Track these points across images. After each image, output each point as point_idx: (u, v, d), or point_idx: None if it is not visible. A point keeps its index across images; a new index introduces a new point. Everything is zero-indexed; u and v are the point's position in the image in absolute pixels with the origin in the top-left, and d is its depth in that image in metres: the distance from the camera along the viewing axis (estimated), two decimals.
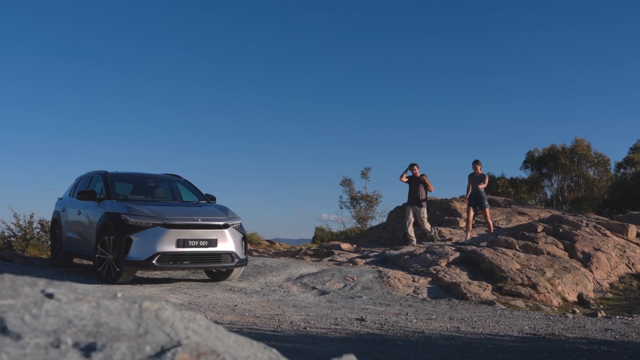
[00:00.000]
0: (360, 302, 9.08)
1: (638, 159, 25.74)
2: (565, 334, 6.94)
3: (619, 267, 11.84)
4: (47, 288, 1.07)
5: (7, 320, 0.88)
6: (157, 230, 9.04)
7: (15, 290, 1.01)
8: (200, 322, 1.11)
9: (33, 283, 1.08)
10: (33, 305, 0.96)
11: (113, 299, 1.10)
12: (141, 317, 1.05)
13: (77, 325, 0.93)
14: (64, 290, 1.08)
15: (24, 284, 1.06)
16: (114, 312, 1.04)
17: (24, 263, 11.64)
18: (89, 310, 1.01)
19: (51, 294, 1.04)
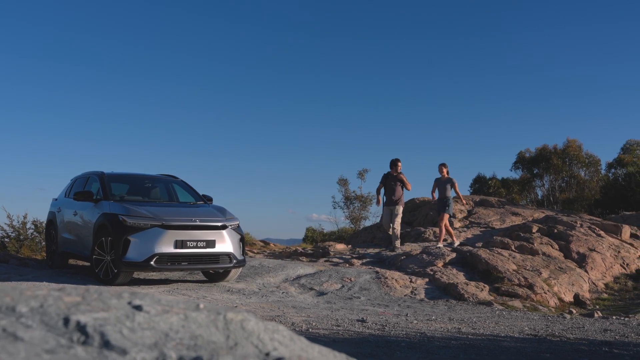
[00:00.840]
0: (359, 303, 9.09)
1: (628, 160, 25.95)
2: (566, 334, 6.97)
3: (613, 267, 11.91)
4: (134, 300, 1.06)
5: (108, 334, 0.87)
6: (155, 231, 9.00)
7: (104, 303, 1.01)
8: (283, 333, 1.10)
9: (118, 295, 1.07)
10: (125, 318, 0.96)
11: (197, 310, 1.09)
12: (228, 329, 1.04)
13: (175, 339, 0.92)
14: (150, 302, 1.07)
15: (110, 296, 1.05)
16: (202, 324, 1.03)
17: (18, 264, 11.56)
18: (179, 323, 1.01)
19: (139, 306, 1.03)
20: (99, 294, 1.06)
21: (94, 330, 0.88)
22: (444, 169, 13.28)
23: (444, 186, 13.13)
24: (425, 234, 14.81)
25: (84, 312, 0.93)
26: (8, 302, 0.94)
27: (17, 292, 0.99)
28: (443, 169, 13.28)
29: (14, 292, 0.99)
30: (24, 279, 9.43)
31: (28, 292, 1.00)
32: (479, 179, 29.65)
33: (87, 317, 0.91)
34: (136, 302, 1.05)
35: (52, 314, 0.92)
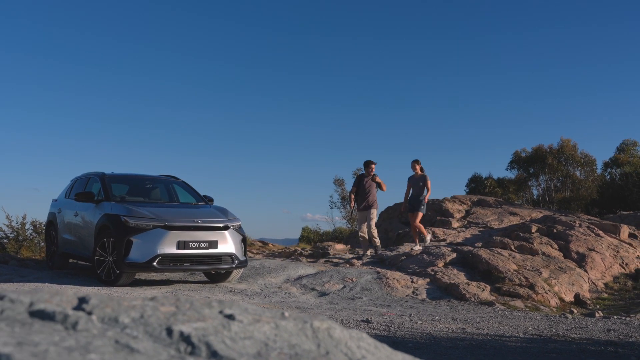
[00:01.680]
0: (362, 304, 9.10)
1: (624, 159, 26.03)
2: (570, 334, 7.00)
3: (613, 267, 11.96)
4: (224, 309, 1.07)
5: (213, 344, 0.87)
6: (157, 232, 8.99)
7: (198, 312, 1.01)
8: (368, 341, 1.11)
9: (208, 304, 1.07)
10: (222, 328, 0.96)
11: (285, 319, 1.10)
12: (317, 337, 1.04)
13: (275, 348, 0.93)
14: (240, 311, 1.07)
15: (202, 305, 1.06)
16: (292, 333, 1.03)
17: (18, 265, 11.52)
18: (271, 332, 1.01)
19: (232, 315, 1.03)
20: (191, 303, 1.06)
21: (199, 340, 0.88)
22: (417, 165, 12.80)
23: (418, 184, 12.70)
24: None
25: (184, 322, 0.93)
26: (110, 313, 0.95)
27: (115, 303, 0.99)
28: (416, 166, 12.80)
29: (112, 303, 0.99)
30: (26, 280, 9.40)
31: (125, 302, 1.00)
32: (474, 179, 29.67)
33: (188, 327, 0.92)
34: (227, 311, 1.05)
35: (153, 324, 0.92)
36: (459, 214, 17.51)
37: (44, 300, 0.96)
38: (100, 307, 0.96)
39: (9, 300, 0.94)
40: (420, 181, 12.69)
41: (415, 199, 12.75)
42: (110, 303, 0.98)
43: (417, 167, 12.79)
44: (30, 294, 0.97)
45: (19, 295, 0.97)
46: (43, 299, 0.96)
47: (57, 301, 0.97)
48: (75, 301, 1.00)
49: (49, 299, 0.97)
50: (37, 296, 0.97)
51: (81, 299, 1.01)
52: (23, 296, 0.97)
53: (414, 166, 12.80)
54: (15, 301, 0.94)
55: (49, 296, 0.98)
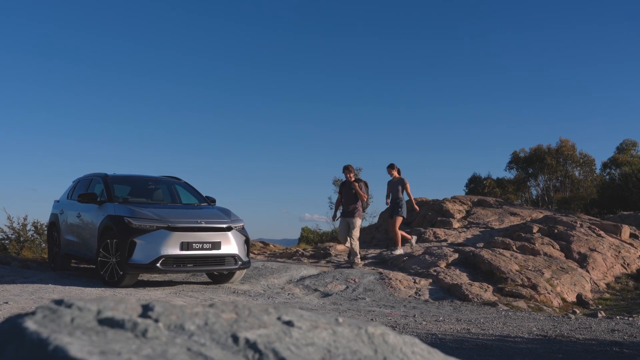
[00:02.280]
0: (365, 304, 9.11)
1: (623, 159, 26.09)
2: (575, 335, 7.02)
3: (614, 267, 11.99)
4: (282, 315, 1.08)
5: (280, 351, 0.88)
6: (161, 233, 8.99)
7: (258, 319, 1.02)
8: (421, 346, 1.12)
9: (265, 310, 1.08)
10: (284, 335, 0.97)
11: (339, 325, 1.11)
12: (373, 343, 1.06)
13: (338, 355, 0.94)
14: (297, 317, 1.08)
15: (260, 311, 1.07)
16: (350, 339, 1.04)
17: (20, 266, 11.52)
18: (330, 338, 1.02)
19: (290, 322, 1.04)
20: (249, 310, 1.07)
21: (265, 347, 0.89)
22: (393, 170, 12.61)
23: (396, 188, 12.50)
24: (426, 234, 14.86)
25: (247, 329, 0.94)
26: (175, 320, 0.95)
27: (178, 310, 1.00)
28: (392, 171, 12.62)
29: (176, 310, 1.00)
30: (29, 282, 9.40)
31: (187, 309, 1.01)
32: (474, 179, 29.73)
33: (252, 334, 0.92)
34: (285, 317, 1.06)
35: (219, 331, 0.93)
36: (460, 214, 17.54)
37: (110, 307, 0.96)
38: (165, 315, 0.96)
39: (77, 308, 0.95)
40: (399, 185, 12.49)
41: (393, 203, 12.56)
42: (174, 310, 0.98)
43: (393, 171, 12.60)
44: (96, 302, 0.98)
45: (85, 303, 0.97)
46: (109, 307, 0.97)
47: (123, 309, 0.98)
48: (140, 309, 1.01)
49: (114, 306, 0.97)
50: (103, 304, 0.98)
51: (145, 306, 1.02)
52: (90, 304, 0.97)
53: (390, 171, 12.62)
54: (83, 309, 0.95)
55: (114, 304, 0.98)
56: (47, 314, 0.91)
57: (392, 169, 12.63)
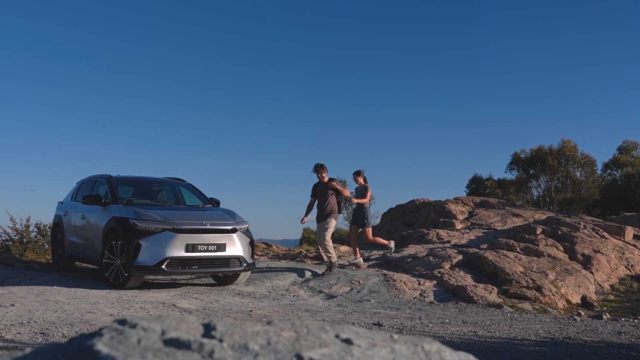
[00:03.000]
0: (370, 306, 9.10)
1: (624, 160, 26.09)
2: (582, 337, 7.01)
3: (618, 268, 11.99)
4: (339, 333, 1.07)
5: None
6: (166, 235, 8.99)
7: (318, 337, 1.01)
8: None
9: (322, 328, 1.08)
10: (345, 353, 0.96)
11: (395, 342, 1.10)
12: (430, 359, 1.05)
13: None
14: (354, 335, 1.08)
15: (317, 329, 1.06)
16: (408, 357, 1.04)
17: (24, 267, 11.51)
18: (389, 355, 1.02)
19: (348, 340, 1.04)
20: (307, 328, 1.07)
21: None
22: (358, 177, 12.13)
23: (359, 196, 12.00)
24: (429, 235, 14.85)
25: (309, 349, 0.94)
26: (238, 340, 0.95)
27: (239, 328, 1.00)
28: (358, 178, 12.12)
29: (237, 329, 0.99)
30: (34, 284, 9.39)
31: (248, 328, 1.00)
32: (475, 180, 29.71)
33: (315, 353, 0.92)
34: (343, 335, 1.06)
35: (282, 350, 0.93)
36: (462, 215, 17.53)
37: (173, 327, 0.96)
38: (228, 334, 0.96)
39: (142, 328, 0.94)
40: (364, 192, 11.99)
41: (358, 211, 12.11)
42: (235, 329, 0.98)
43: (359, 178, 12.15)
44: (159, 322, 0.98)
45: (149, 323, 0.97)
46: (172, 327, 0.96)
47: (186, 328, 0.97)
48: (201, 328, 1.00)
49: (177, 326, 0.97)
50: (166, 323, 0.97)
51: (206, 325, 1.02)
52: (153, 324, 0.97)
53: (355, 178, 12.18)
54: (147, 329, 0.95)
55: (176, 323, 0.98)
56: (114, 335, 0.91)
57: (358, 175, 12.18)
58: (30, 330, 5.66)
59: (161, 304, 7.75)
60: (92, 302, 7.65)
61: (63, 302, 7.48)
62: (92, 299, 7.86)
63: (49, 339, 5.31)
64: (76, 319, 6.40)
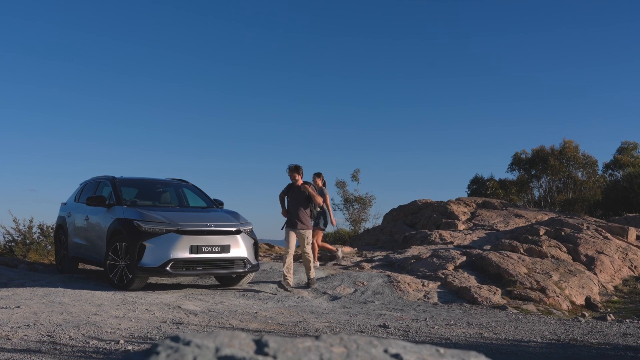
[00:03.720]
0: (374, 308, 9.10)
1: (625, 160, 26.09)
2: (588, 339, 7.01)
3: (622, 270, 11.99)
4: (387, 347, 1.07)
5: None
6: (170, 236, 8.99)
7: (368, 353, 1.01)
8: None
9: (370, 342, 1.07)
10: None
11: (442, 356, 1.10)
12: None
13: None
14: (401, 349, 1.08)
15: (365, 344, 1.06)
16: None
17: (28, 268, 11.52)
18: None
19: (398, 355, 1.04)
20: (356, 343, 1.06)
21: None
22: (317, 179, 11.98)
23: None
24: (432, 236, 14.85)
25: None
26: (291, 357, 0.95)
27: (290, 344, 0.99)
28: (317, 179, 11.97)
29: (288, 344, 0.99)
30: (38, 285, 9.39)
31: (299, 344, 1.00)
32: (476, 180, 29.71)
33: None
34: (391, 350, 1.06)
35: None
36: (464, 216, 17.53)
37: (226, 344, 0.96)
38: (281, 351, 0.96)
39: (196, 345, 0.94)
40: (318, 193, 11.13)
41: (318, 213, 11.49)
42: (287, 345, 0.98)
43: (318, 180, 12.00)
44: (212, 338, 0.97)
45: (202, 339, 0.96)
46: (225, 343, 0.96)
47: (238, 345, 0.97)
48: (253, 344, 1.00)
49: (229, 342, 0.97)
50: (219, 340, 0.97)
51: (257, 341, 1.01)
52: (206, 340, 0.97)
53: (314, 179, 11.98)
54: (201, 346, 0.94)
55: (229, 339, 0.98)
56: (170, 353, 0.90)
57: (317, 177, 12.04)
58: (37, 332, 5.66)
59: (166, 306, 7.75)
60: (97, 303, 7.64)
61: (68, 304, 7.48)
62: (97, 301, 7.86)
63: (56, 341, 5.31)
64: (82, 321, 6.40)
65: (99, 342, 5.31)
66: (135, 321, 6.56)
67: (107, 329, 5.99)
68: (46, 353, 4.84)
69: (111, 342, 5.32)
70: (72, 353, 4.89)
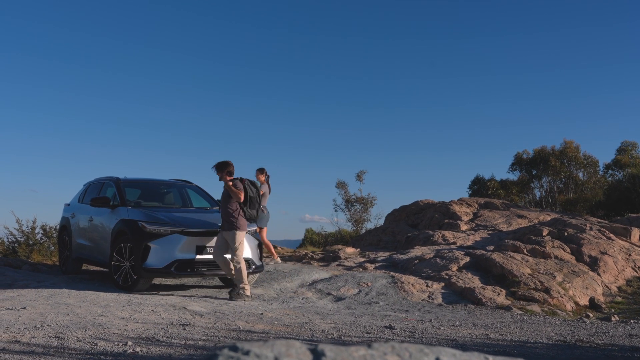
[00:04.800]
0: (379, 308, 9.10)
1: (626, 161, 26.09)
2: (594, 340, 7.01)
3: (625, 270, 11.99)
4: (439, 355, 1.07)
5: None
6: (175, 237, 8.99)
7: None
8: None
9: (421, 351, 1.08)
10: None
11: None
12: None
13: None
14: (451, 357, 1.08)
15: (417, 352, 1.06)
16: None
17: (31, 269, 11.51)
18: None
19: None
20: (408, 350, 1.07)
21: None
22: (260, 175, 11.85)
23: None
24: (434, 237, 14.85)
25: None
26: None
27: (346, 353, 1.00)
28: (259, 176, 11.83)
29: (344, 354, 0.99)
30: (43, 286, 9.39)
31: (354, 352, 1.00)
32: (477, 180, 29.73)
33: None
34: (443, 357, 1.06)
35: None
36: (467, 216, 17.53)
37: (284, 353, 0.96)
38: None
39: (255, 355, 0.94)
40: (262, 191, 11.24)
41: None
42: (343, 354, 0.98)
43: (261, 176, 11.83)
44: (269, 348, 0.98)
45: (260, 349, 0.97)
46: (283, 353, 0.96)
47: (296, 354, 0.97)
48: (310, 353, 1.00)
49: (286, 352, 0.97)
50: (276, 349, 0.97)
51: (313, 350, 1.02)
52: (264, 349, 0.97)
53: (257, 175, 11.84)
54: (261, 356, 0.95)
55: (285, 349, 0.98)
56: None
57: (260, 173, 11.88)
58: (45, 334, 5.65)
59: (172, 307, 7.74)
60: (102, 305, 7.64)
61: (74, 305, 7.48)
62: (102, 302, 7.86)
63: (64, 342, 5.31)
64: (89, 322, 6.40)
65: (107, 344, 5.31)
66: (141, 322, 6.56)
67: (114, 331, 5.99)
68: (55, 355, 4.84)
69: (119, 344, 5.32)
70: (81, 355, 4.89)
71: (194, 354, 5.10)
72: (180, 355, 4.99)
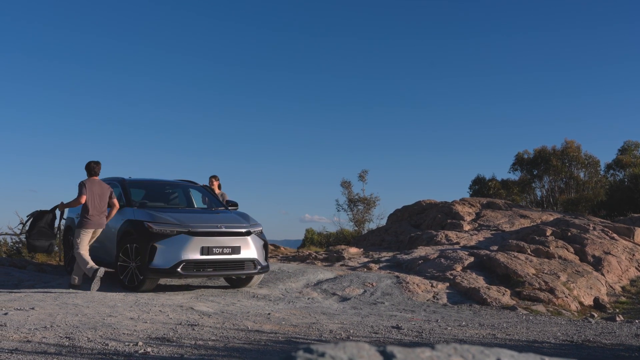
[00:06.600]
0: (385, 309, 9.12)
1: (627, 161, 26.12)
2: (601, 340, 7.04)
3: (629, 270, 12.02)
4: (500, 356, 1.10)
5: None
6: (181, 238, 9.01)
7: None
8: None
9: (482, 352, 1.10)
10: None
11: None
12: None
13: None
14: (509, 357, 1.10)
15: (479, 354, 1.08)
16: None
17: (36, 270, 11.53)
18: None
19: None
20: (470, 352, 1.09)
21: None
22: (214, 181, 12.32)
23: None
24: (438, 237, 14.87)
25: None
26: None
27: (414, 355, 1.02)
28: (213, 181, 12.31)
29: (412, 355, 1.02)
30: (49, 287, 9.41)
31: (421, 354, 1.03)
32: (478, 180, 29.76)
33: None
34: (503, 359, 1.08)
35: None
36: (469, 216, 17.56)
37: (357, 355, 0.98)
38: None
39: (330, 357, 0.97)
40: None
41: None
42: (411, 355, 1.00)
43: (215, 182, 12.33)
44: (341, 349, 1.00)
45: (335, 351, 0.99)
46: (356, 355, 0.99)
47: (367, 356, 1.00)
48: (379, 355, 1.03)
49: (358, 353, 0.99)
50: (348, 351, 1.00)
51: (382, 352, 1.04)
52: (339, 352, 0.99)
53: (211, 182, 12.31)
54: (335, 358, 0.97)
55: (357, 351, 1.00)
56: None
57: (214, 180, 12.30)
58: (55, 334, 5.67)
59: (179, 307, 7.77)
60: (110, 305, 7.66)
61: (82, 306, 7.50)
62: (110, 302, 7.88)
63: (75, 342, 5.33)
64: (98, 322, 6.42)
65: (118, 344, 5.33)
66: (150, 323, 6.58)
67: (123, 331, 6.01)
68: (67, 355, 4.86)
69: (130, 344, 5.34)
70: (93, 355, 4.91)
71: (204, 354, 5.12)
72: (191, 355, 5.01)
